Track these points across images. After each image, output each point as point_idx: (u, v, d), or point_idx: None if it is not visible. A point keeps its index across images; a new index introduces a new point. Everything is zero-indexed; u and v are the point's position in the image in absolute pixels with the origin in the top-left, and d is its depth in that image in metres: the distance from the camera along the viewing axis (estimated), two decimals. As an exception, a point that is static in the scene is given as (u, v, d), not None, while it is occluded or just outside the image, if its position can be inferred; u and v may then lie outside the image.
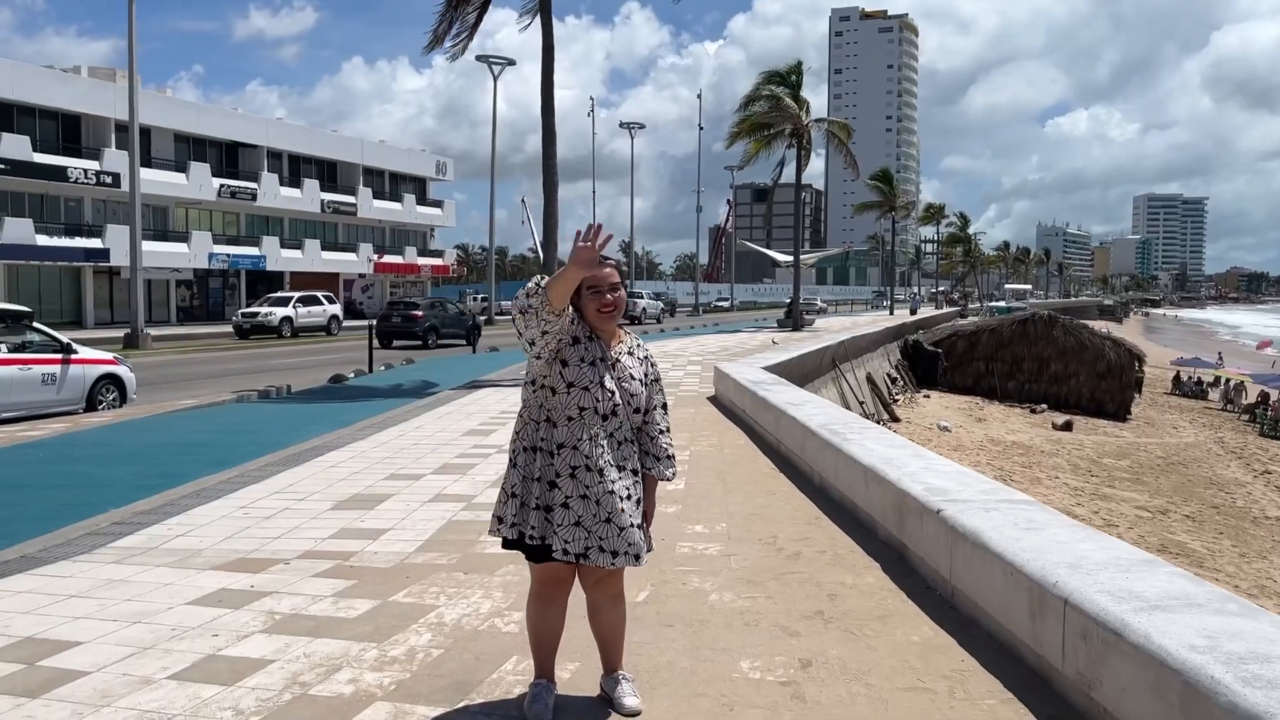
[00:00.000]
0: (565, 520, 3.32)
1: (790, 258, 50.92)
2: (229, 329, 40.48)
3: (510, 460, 3.48)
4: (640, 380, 3.51)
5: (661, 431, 3.60)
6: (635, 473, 3.49)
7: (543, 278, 3.29)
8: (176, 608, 4.89)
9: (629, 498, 3.40)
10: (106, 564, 5.72)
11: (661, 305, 57.91)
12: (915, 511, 5.34)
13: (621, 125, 65.46)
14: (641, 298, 53.06)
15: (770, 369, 14.05)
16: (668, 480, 3.64)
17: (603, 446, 3.38)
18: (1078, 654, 3.50)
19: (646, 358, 3.59)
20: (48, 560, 5.80)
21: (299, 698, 3.78)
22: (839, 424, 8.01)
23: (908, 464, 6.24)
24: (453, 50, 18.36)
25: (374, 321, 27.83)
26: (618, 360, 3.46)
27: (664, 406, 3.65)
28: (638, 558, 3.40)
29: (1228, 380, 43.79)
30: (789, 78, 38.15)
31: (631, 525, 3.38)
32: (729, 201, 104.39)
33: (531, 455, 3.39)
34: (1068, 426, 30.52)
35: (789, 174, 40.85)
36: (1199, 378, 47.95)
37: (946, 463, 6.41)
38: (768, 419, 9.79)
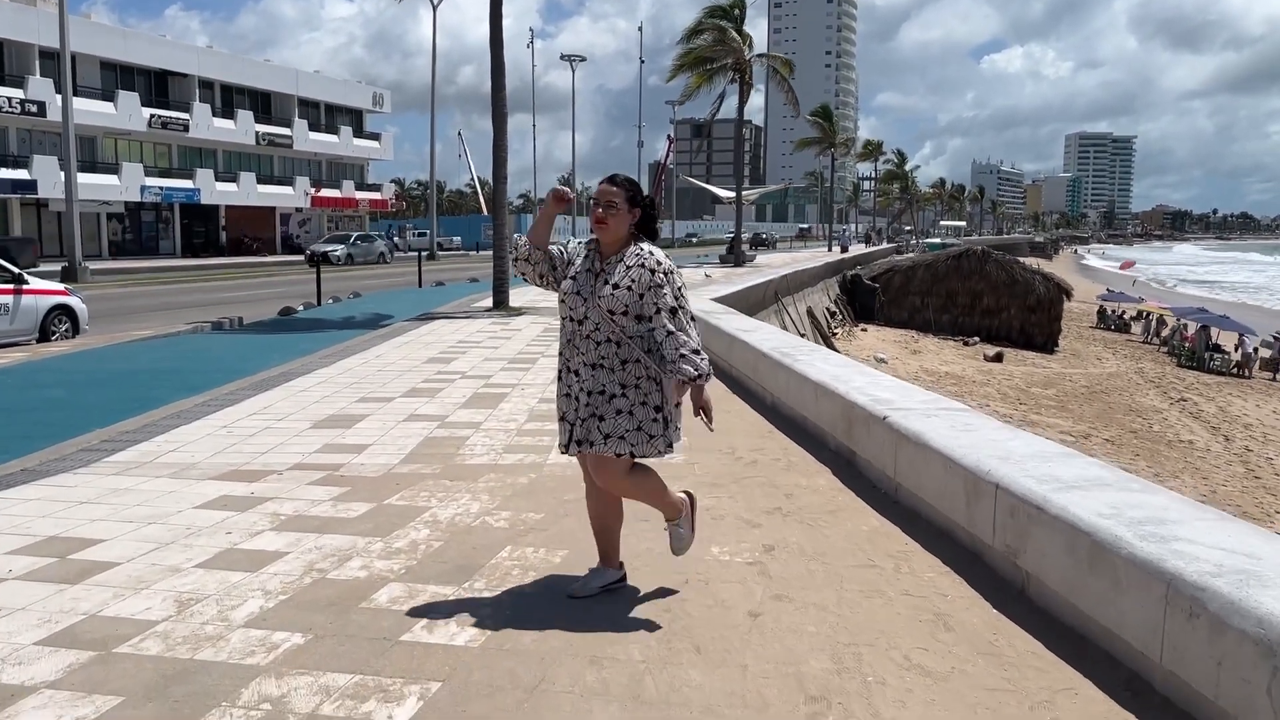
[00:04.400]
0: (562, 417, 3.87)
1: (731, 194, 51.28)
2: (166, 263, 39.82)
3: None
4: (618, 285, 3.70)
5: (668, 334, 3.72)
6: (623, 369, 3.73)
7: (520, 236, 3.96)
8: (185, 511, 5.26)
9: (602, 393, 3.72)
10: (107, 476, 6.05)
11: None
12: (862, 420, 5.88)
13: (562, 58, 64.74)
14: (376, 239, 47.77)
15: (719, 300, 14.55)
16: (687, 377, 3.73)
17: (578, 349, 3.79)
18: (1006, 529, 4.06)
19: (640, 264, 3.74)
20: (48, 473, 6.10)
21: (319, 581, 4.20)
22: (789, 347, 8.53)
23: (854, 379, 6.78)
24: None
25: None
26: (603, 269, 3.78)
27: (670, 311, 3.74)
28: (611, 439, 3.71)
29: (1149, 314, 45.46)
30: (732, 11, 38.14)
31: (609, 417, 3.71)
32: (669, 137, 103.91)
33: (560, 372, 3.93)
34: (998, 358, 31.65)
35: (728, 109, 41.08)
36: (1123, 311, 49.68)
37: (889, 378, 6.97)
38: (720, 345, 10.28)
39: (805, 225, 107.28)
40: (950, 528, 4.66)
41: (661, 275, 3.77)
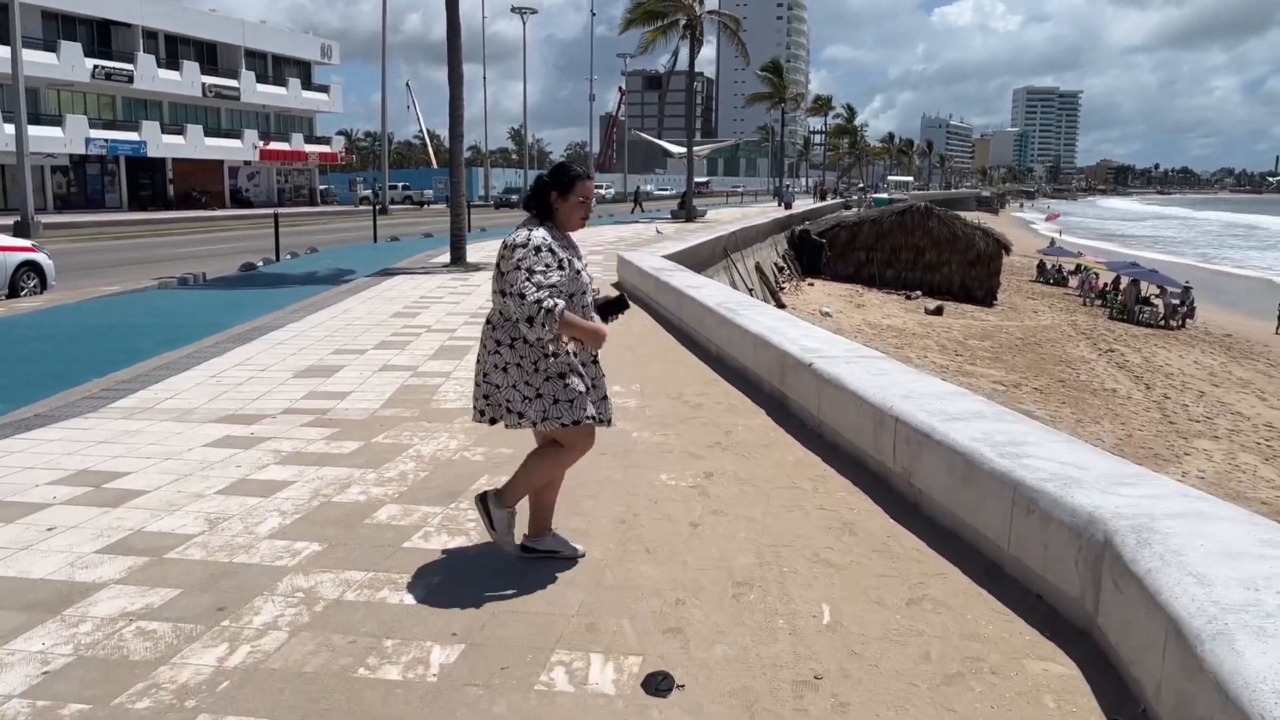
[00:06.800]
0: (599, 396, 4.02)
1: (682, 149, 51.76)
2: (114, 217, 39.54)
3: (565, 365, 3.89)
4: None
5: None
6: None
7: (560, 310, 3.71)
8: (195, 449, 5.94)
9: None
10: (115, 419, 6.69)
11: None
12: (793, 367, 6.69)
13: (513, 10, 64.40)
14: None
15: (669, 257, 15.27)
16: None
17: None
18: (902, 455, 4.89)
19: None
20: (61, 418, 6.72)
21: (325, 503, 4.93)
22: (732, 302, 9.32)
23: (788, 331, 7.60)
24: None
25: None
26: (580, 255, 4.06)
27: None
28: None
29: (1086, 268, 46.97)
30: (681, -36, 38.41)
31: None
32: (620, 89, 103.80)
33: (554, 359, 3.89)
34: (939, 311, 32.79)
35: (680, 61, 41.50)
36: (1060, 265, 51.21)
37: (819, 330, 7.80)
38: (669, 300, 11.05)
39: (703, 180, 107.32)
40: (861, 456, 5.50)
41: None
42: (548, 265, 3.75)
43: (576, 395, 3.89)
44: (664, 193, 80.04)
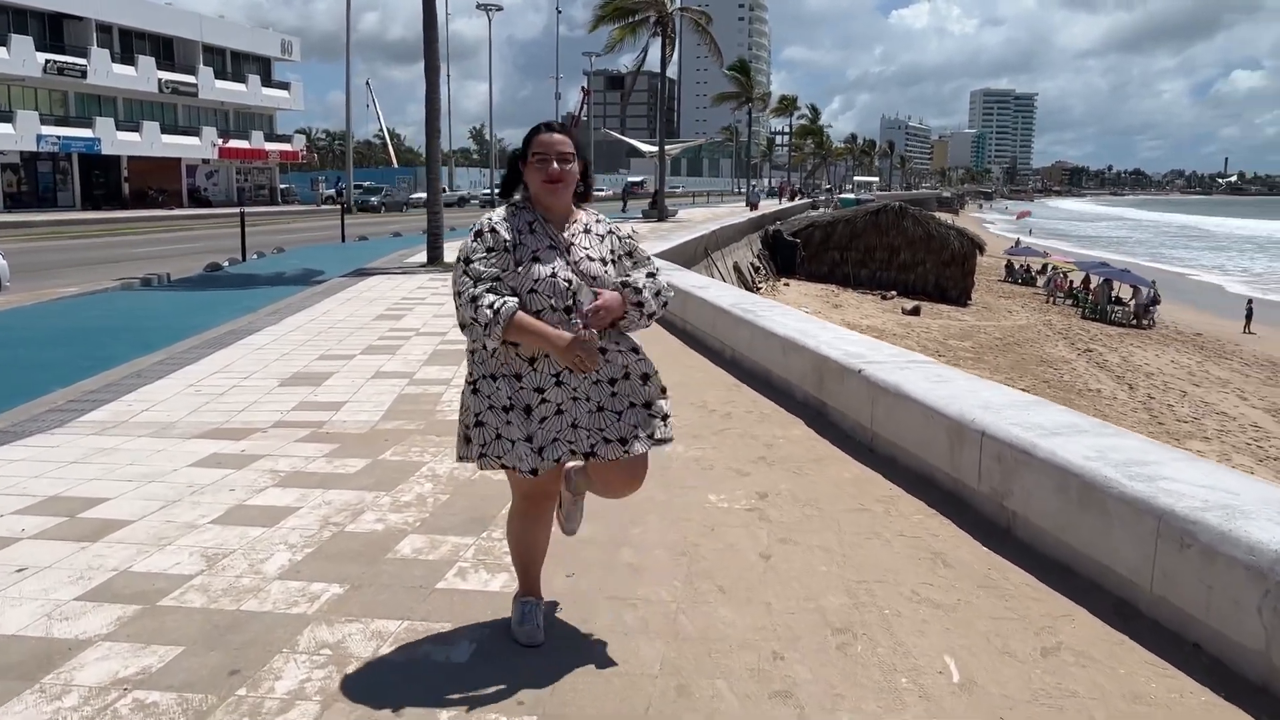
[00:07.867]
0: (561, 426, 3.04)
1: (651, 148, 51.27)
2: (67, 216, 38.30)
3: (473, 387, 3.08)
4: (601, 259, 3.09)
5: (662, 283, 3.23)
6: (632, 349, 3.22)
7: (503, 305, 2.89)
8: (181, 469, 5.28)
9: (625, 377, 3.16)
10: (87, 436, 6.00)
11: None
12: (836, 373, 6.15)
13: (478, 7, 63.49)
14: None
15: (659, 255, 14.73)
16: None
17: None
18: (992, 474, 4.37)
19: (610, 233, 3.21)
20: (24, 434, 6.02)
21: (338, 534, 4.31)
22: (748, 303, 8.79)
23: (819, 334, 7.07)
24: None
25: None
26: (571, 243, 3.07)
27: (652, 275, 3.21)
28: (651, 437, 3.18)
29: (1055, 268, 47.08)
30: (653, -38, 37.91)
31: (632, 406, 3.16)
32: (583, 89, 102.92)
33: (492, 382, 3.04)
34: (916, 311, 32.56)
35: (651, 60, 40.97)
36: (1028, 265, 51.36)
37: (852, 333, 7.28)
38: (673, 301, 10.48)
39: (637, 180, 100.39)
40: (930, 473, 4.97)
41: (631, 241, 3.30)
42: (489, 249, 2.95)
43: (475, 432, 3.03)
44: (600, 193, 79.07)
